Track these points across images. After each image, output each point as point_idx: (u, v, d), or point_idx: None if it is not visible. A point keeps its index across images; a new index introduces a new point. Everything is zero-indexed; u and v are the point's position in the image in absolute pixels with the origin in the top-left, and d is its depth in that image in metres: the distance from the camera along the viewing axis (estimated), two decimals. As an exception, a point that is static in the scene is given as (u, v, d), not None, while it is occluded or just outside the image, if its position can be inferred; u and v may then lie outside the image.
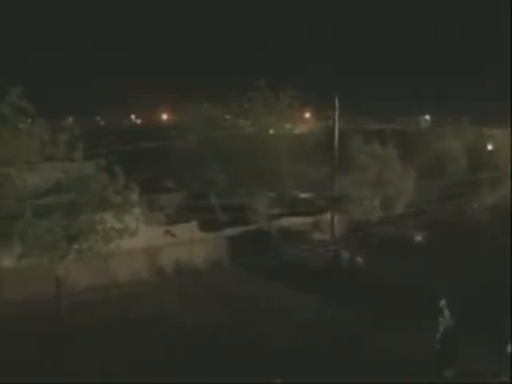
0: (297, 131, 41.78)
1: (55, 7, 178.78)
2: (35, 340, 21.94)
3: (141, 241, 26.59)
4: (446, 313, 18.52)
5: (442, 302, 18.65)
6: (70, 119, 24.47)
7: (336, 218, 36.18)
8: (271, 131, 37.20)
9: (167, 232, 30.29)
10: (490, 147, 48.56)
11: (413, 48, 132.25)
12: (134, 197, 24.69)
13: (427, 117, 76.38)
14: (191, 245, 30.60)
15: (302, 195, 38.58)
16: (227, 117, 37.42)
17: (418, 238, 35.03)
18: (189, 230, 31.26)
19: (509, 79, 60.61)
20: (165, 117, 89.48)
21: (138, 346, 21.33)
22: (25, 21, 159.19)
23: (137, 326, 23.17)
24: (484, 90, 76.67)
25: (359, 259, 30.71)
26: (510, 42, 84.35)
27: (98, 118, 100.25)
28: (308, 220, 36.48)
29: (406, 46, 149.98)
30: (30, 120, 23.15)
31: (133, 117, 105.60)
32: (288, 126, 39.06)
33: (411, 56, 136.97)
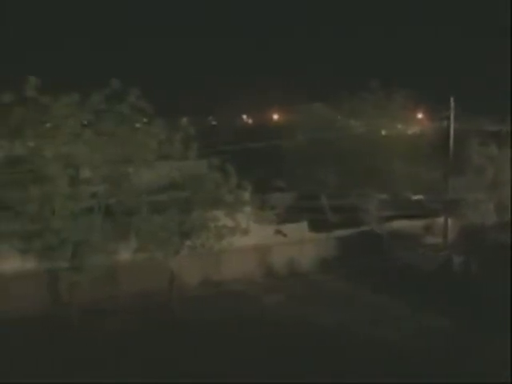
0: (409, 132, 40.96)
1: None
2: (147, 330, 22.73)
3: (251, 239, 26.86)
4: None
5: None
6: (184, 119, 25.02)
7: (449, 222, 35.27)
8: (383, 132, 36.72)
9: (278, 231, 30.42)
10: None
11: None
12: (246, 196, 25.07)
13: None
14: (301, 245, 30.62)
15: (415, 197, 37.85)
16: (338, 117, 37.22)
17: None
18: (299, 229, 31.28)
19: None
20: (276, 117, 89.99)
21: (243, 344, 21.53)
22: (145, 25, 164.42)
23: (244, 324, 23.42)
24: None
25: (472, 264, 29.85)
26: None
27: (210, 118, 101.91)
28: (420, 223, 35.72)
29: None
30: (147, 120, 23.89)
31: (244, 117, 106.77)
32: (400, 126, 38.40)
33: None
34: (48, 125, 22.17)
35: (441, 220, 35.53)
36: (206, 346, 21.25)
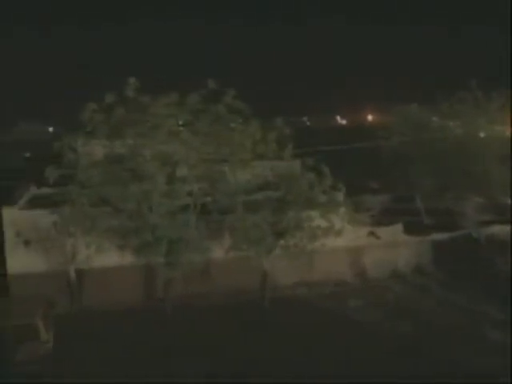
0: (509, 134, 39.66)
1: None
2: (240, 328, 23.03)
3: (344, 240, 26.70)
4: None
5: None
6: (279, 119, 25.08)
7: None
8: (481, 133, 35.71)
9: (371, 233, 30.07)
10: None
11: None
12: (340, 197, 24.97)
13: None
14: (395, 247, 30.12)
15: (512, 202, 36.63)
16: (434, 118, 36.49)
17: None
18: (393, 232, 30.75)
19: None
20: (370, 118, 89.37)
21: (332, 345, 21.43)
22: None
23: (333, 326, 23.27)
24: None
25: None
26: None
27: (305, 119, 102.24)
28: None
29: None
30: (242, 120, 24.11)
31: (338, 117, 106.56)
32: (499, 127, 37.20)
33: None
34: (147, 124, 22.73)
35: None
36: (297, 349, 21.20)
